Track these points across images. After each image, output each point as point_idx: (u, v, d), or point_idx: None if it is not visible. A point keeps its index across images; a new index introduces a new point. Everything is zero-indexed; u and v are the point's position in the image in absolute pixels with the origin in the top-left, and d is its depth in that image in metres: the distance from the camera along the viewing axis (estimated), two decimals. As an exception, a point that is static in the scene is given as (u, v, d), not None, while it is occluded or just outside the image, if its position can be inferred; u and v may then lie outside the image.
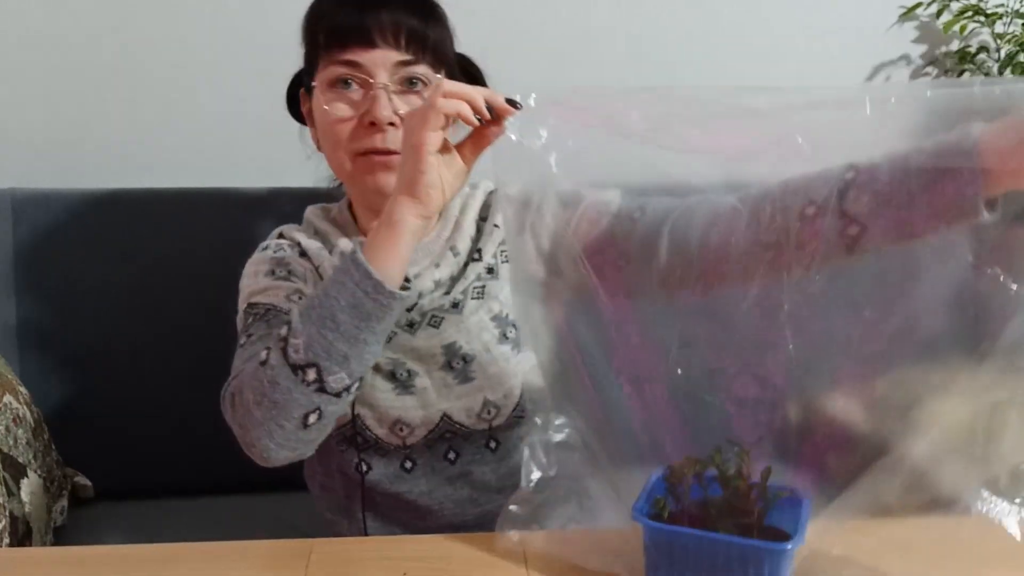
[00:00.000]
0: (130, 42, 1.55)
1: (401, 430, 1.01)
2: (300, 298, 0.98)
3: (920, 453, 0.73)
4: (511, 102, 0.81)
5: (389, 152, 0.97)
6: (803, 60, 1.69)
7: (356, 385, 0.86)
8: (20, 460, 1.18)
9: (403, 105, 0.97)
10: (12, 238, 1.39)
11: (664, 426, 0.80)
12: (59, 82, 1.55)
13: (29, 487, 1.17)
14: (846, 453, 0.76)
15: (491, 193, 1.11)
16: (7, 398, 1.20)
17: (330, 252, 1.07)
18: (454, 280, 1.06)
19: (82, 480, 1.38)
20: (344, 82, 0.98)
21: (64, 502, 1.31)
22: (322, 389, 0.84)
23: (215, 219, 1.43)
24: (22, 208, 1.40)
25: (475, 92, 0.81)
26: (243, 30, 1.56)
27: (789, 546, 0.71)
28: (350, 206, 1.11)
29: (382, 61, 0.96)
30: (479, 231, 1.08)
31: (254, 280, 1.03)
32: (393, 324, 0.87)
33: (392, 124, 0.96)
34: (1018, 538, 0.72)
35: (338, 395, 0.85)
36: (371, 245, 0.84)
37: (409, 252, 0.85)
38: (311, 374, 0.83)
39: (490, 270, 1.06)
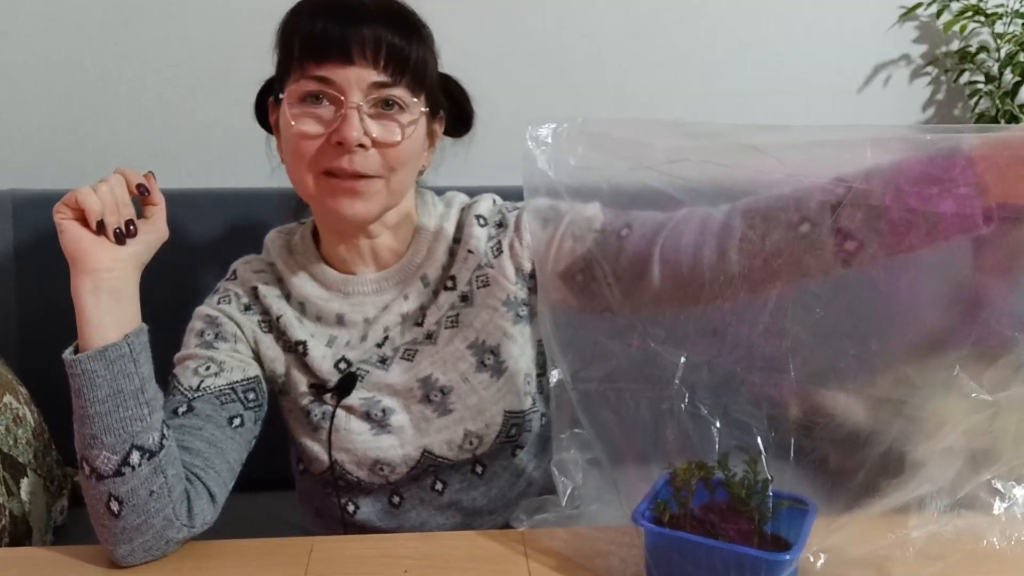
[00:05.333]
0: (130, 43, 1.55)
1: (382, 470, 1.00)
2: (208, 368, 0.97)
3: (928, 461, 0.73)
4: (139, 187, 0.89)
5: (356, 175, 0.93)
6: (803, 60, 1.69)
7: (141, 455, 0.81)
8: (20, 460, 1.18)
9: (375, 128, 0.92)
10: (12, 238, 1.39)
11: (664, 436, 0.80)
12: (59, 82, 1.55)
13: (29, 487, 1.17)
14: (851, 459, 0.76)
15: (465, 209, 1.07)
16: (7, 398, 1.20)
17: (287, 298, 1.04)
18: (424, 310, 1.03)
19: (82, 480, 1.38)
20: (314, 97, 0.92)
21: (64, 502, 1.30)
22: (99, 476, 0.81)
23: (215, 219, 1.42)
24: (22, 208, 1.39)
25: (131, 175, 0.88)
26: (243, 30, 1.56)
27: (788, 556, 0.71)
28: (315, 229, 1.07)
29: (357, 80, 0.91)
30: (452, 256, 1.04)
31: (187, 338, 1.02)
32: (130, 384, 0.82)
33: (362, 146, 0.92)
34: (997, 545, 0.72)
35: (118, 474, 0.81)
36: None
37: (98, 310, 0.83)
38: (85, 467, 0.82)
39: (464, 298, 1.03)
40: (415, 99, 0.95)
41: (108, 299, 0.83)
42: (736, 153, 0.80)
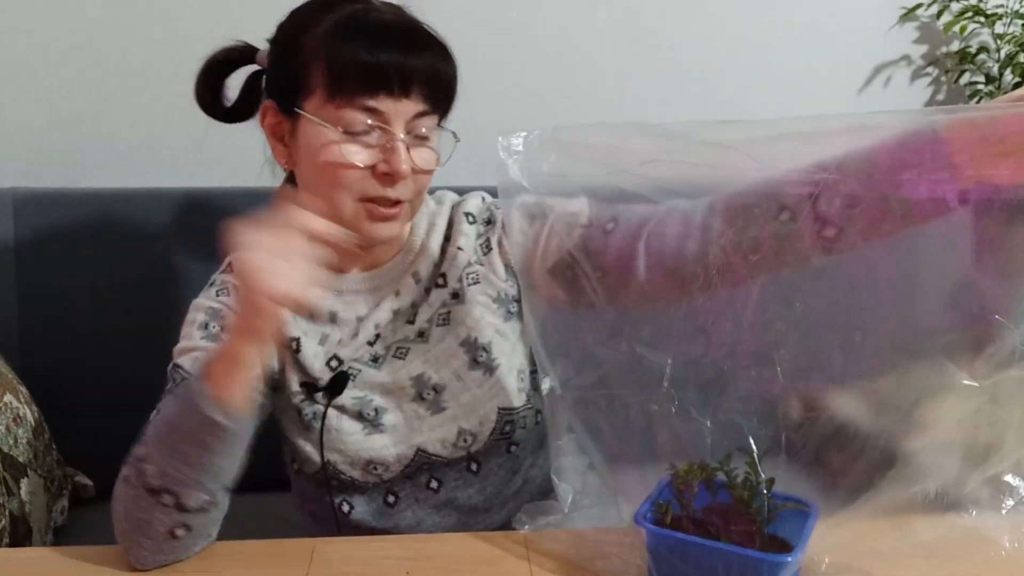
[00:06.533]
0: (130, 42, 1.55)
1: (375, 469, 1.00)
2: None
3: (921, 453, 0.73)
4: None
5: (397, 202, 0.93)
6: (803, 60, 1.69)
7: (224, 493, 0.84)
8: (20, 460, 1.18)
9: (416, 157, 0.92)
10: (13, 237, 1.38)
11: (656, 439, 0.81)
12: (59, 82, 1.55)
13: (29, 487, 1.17)
14: (843, 453, 0.76)
15: (455, 207, 1.07)
16: (7, 398, 1.20)
17: None
18: (416, 307, 1.03)
19: (82, 480, 1.37)
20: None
21: (64, 502, 1.30)
22: (182, 508, 0.81)
23: (215, 219, 1.42)
24: (23, 207, 1.39)
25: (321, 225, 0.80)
26: (243, 30, 1.56)
27: (789, 558, 0.71)
28: None
29: (404, 112, 0.91)
30: (442, 253, 1.04)
31: (188, 330, 1.00)
32: (249, 436, 0.84)
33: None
34: (1004, 549, 0.72)
35: (202, 510, 0.82)
36: (212, 375, 0.82)
37: (252, 375, 0.82)
38: (167, 498, 0.81)
39: (455, 295, 1.03)
40: (440, 126, 0.97)
41: (255, 370, 0.83)
42: (709, 152, 0.80)
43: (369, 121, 0.91)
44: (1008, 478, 0.73)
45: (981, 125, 0.70)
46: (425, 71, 0.91)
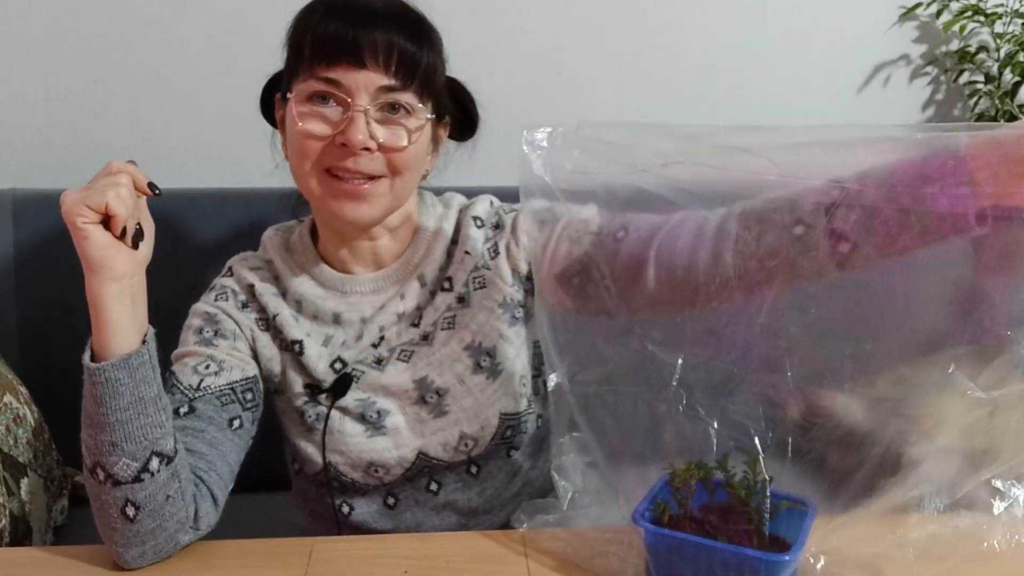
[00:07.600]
0: (130, 42, 1.55)
1: (376, 471, 1.00)
2: (208, 367, 0.96)
3: (925, 460, 0.73)
4: (151, 185, 0.85)
5: (360, 174, 0.93)
6: (803, 60, 1.69)
7: (160, 461, 0.81)
8: (20, 460, 1.18)
9: (381, 132, 0.92)
10: (13, 238, 1.39)
11: (662, 438, 0.81)
12: (59, 82, 1.55)
13: (29, 487, 1.17)
14: (848, 459, 0.76)
15: (463, 210, 1.07)
16: (7, 398, 1.20)
17: (283, 296, 1.03)
18: (421, 311, 1.03)
19: (82, 480, 1.38)
20: (322, 98, 0.92)
21: (64, 501, 1.31)
22: (116, 482, 0.80)
23: (215, 219, 1.42)
24: (23, 208, 1.40)
25: (137, 173, 0.84)
26: (244, 30, 1.56)
27: (787, 557, 0.71)
28: (313, 228, 1.06)
29: (365, 83, 0.91)
30: (449, 257, 1.04)
31: (184, 335, 1.01)
32: (150, 391, 0.82)
33: (367, 149, 0.91)
34: (997, 546, 0.72)
35: (137, 480, 0.80)
36: (93, 329, 0.82)
37: (123, 316, 0.81)
38: (100, 473, 0.81)
39: (461, 299, 1.03)
40: (422, 105, 0.95)
41: (130, 305, 0.82)
42: (728, 155, 0.80)
43: (329, 90, 0.92)
44: (999, 483, 0.74)
45: (1005, 144, 0.69)
46: (380, 42, 0.90)
